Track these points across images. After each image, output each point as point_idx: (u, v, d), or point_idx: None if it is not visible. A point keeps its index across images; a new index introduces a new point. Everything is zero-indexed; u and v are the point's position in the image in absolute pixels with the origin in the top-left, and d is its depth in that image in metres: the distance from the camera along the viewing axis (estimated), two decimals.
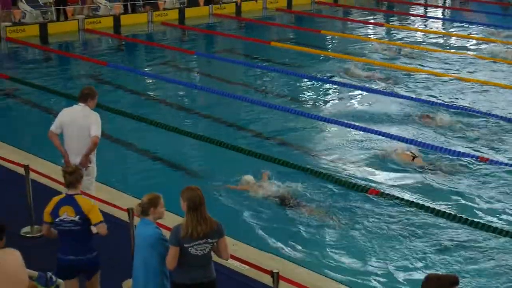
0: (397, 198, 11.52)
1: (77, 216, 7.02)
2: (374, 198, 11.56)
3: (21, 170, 10.18)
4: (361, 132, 15.03)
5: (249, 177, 11.97)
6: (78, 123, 9.40)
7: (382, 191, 11.80)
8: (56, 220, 7.05)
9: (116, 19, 27.91)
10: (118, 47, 25.67)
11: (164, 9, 29.46)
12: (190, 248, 6.31)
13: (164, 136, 14.79)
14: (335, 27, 28.28)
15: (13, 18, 26.00)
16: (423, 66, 21.30)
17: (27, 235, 9.57)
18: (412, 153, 13.34)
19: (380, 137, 14.68)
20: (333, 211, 11.09)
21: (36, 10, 26.44)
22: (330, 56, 22.64)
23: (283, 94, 18.43)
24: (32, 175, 9.83)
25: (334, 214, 10.96)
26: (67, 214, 7.02)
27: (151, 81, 20.08)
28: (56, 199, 7.17)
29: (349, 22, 29.98)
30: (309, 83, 19.60)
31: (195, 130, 15.03)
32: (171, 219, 7.88)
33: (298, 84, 19.57)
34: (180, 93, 18.82)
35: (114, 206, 8.98)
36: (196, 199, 6.32)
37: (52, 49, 24.61)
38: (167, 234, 6.59)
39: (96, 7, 28.48)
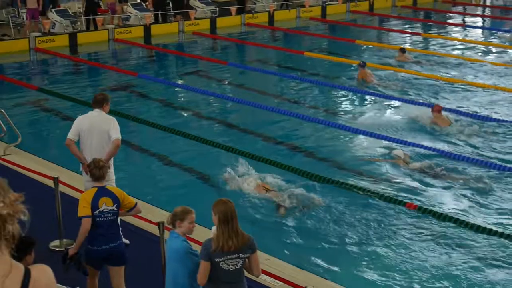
0: (436, 213, 11.44)
1: (115, 205, 7.52)
2: (412, 212, 11.50)
3: (50, 183, 10.31)
4: (395, 144, 14.97)
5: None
6: (98, 128, 9.56)
7: (421, 205, 11.74)
8: (95, 212, 7.43)
9: (147, 29, 28.18)
10: (149, 58, 25.90)
11: (196, 18, 29.68)
12: (221, 263, 6.33)
13: (196, 148, 14.86)
14: (370, 37, 28.24)
15: (43, 28, 26.39)
16: (463, 76, 21.20)
17: (56, 249, 9.67)
18: (405, 158, 13.74)
19: (420, 150, 14.60)
20: (367, 225, 11.05)
21: (66, 20, 26.80)
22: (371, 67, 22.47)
23: (317, 106, 18.43)
24: (62, 188, 9.96)
25: (369, 229, 10.92)
26: (105, 205, 7.48)
27: (182, 92, 20.21)
28: (90, 193, 7.54)
29: (385, 32, 29.93)
30: (343, 94, 19.58)
31: (227, 142, 15.09)
32: (203, 233, 7.92)
33: (332, 95, 19.56)
34: (211, 104, 18.91)
35: (145, 219, 9.05)
36: (227, 212, 6.34)
37: (82, 60, 24.92)
38: (198, 248, 6.63)
39: (127, 17, 28.78)
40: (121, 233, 7.70)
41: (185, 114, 17.90)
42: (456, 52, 25.05)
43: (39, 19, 26.41)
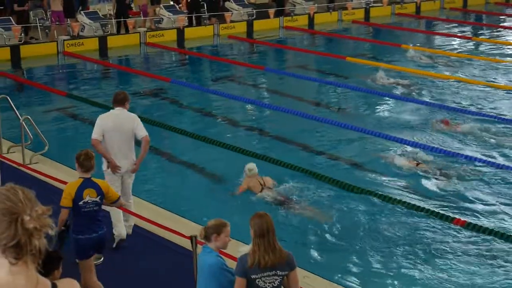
0: (481, 228, 11.29)
1: (98, 197, 8.30)
2: (459, 228, 11.36)
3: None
4: (441, 155, 14.81)
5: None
6: (123, 127, 10.05)
7: (469, 221, 11.59)
8: (80, 203, 8.19)
9: (180, 32, 28.34)
10: (182, 62, 26.03)
11: (231, 21, 29.77)
12: (257, 280, 6.28)
13: (230, 157, 14.84)
14: (417, 41, 28.04)
15: (71, 31, 26.64)
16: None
17: None
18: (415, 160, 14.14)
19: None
20: (409, 241, 10.95)
21: (96, 23, 27.02)
22: (410, 73, 22.33)
23: (360, 114, 18.30)
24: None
25: (410, 245, 10.81)
26: (89, 196, 8.24)
27: (216, 98, 20.24)
28: (75, 184, 8.29)
29: (432, 35, 29.71)
30: (388, 101, 19.44)
31: (264, 151, 15.04)
32: (236, 248, 7.89)
33: (376, 103, 19.41)
34: (247, 111, 18.93)
35: (177, 233, 9.05)
36: (264, 225, 6.30)
37: (112, 64, 25.13)
38: (232, 264, 6.60)
39: (159, 19, 28.96)
40: (104, 223, 8.49)
41: (220, 122, 17.90)
42: (509, 58, 24.76)
43: (65, 21, 26.66)
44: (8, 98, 13.85)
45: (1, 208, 2.93)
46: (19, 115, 13.58)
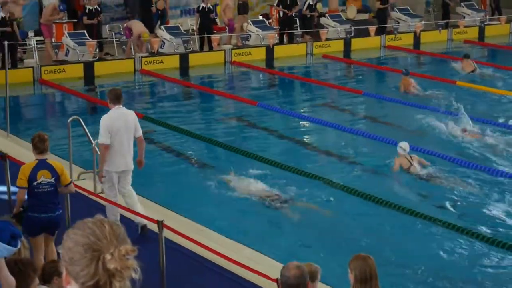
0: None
1: (53, 178, 9.61)
2: None
3: (154, 226, 10.50)
4: None
5: None
6: (127, 125, 11.51)
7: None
8: (34, 183, 9.54)
9: (269, 50, 28.54)
10: (270, 83, 26.19)
11: (327, 39, 29.81)
12: None
13: (325, 191, 14.75)
14: None
15: (150, 48, 27.09)
16: None
17: None
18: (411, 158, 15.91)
19: None
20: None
21: (177, 39, 27.41)
22: None
23: (472, 148, 17.91)
24: (166, 233, 10.11)
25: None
26: (44, 177, 9.56)
27: (307, 125, 20.25)
28: (29, 165, 9.66)
29: None
30: (506, 132, 19.01)
31: (363, 187, 14.87)
32: None
33: (491, 134, 18.93)
34: (342, 140, 18.78)
35: (263, 275, 9.05)
36: (366, 269, 6.28)
37: (193, 84, 25.46)
38: None
39: (246, 36, 29.18)
40: (60, 205, 9.86)
41: (310, 151, 17.87)
42: None
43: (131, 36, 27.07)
44: (80, 119, 14.14)
45: (84, 243, 2.98)
46: (91, 139, 13.82)
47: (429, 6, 36.12)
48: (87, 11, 26.38)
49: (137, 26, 26.59)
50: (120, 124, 11.37)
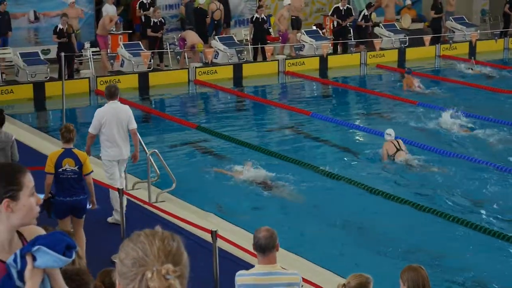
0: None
1: (77, 166, 10.75)
2: None
3: (207, 236, 10.57)
4: None
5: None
6: (120, 118, 12.59)
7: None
8: (59, 170, 10.68)
9: (323, 60, 28.51)
10: (324, 94, 26.16)
11: (381, 49, 29.68)
12: None
13: (382, 205, 14.68)
14: None
15: (204, 58, 27.24)
16: None
17: None
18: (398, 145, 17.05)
19: None
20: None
21: (231, 49, 27.53)
22: None
23: None
24: (220, 243, 10.18)
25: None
26: (68, 165, 10.70)
27: (362, 135, 20.18)
28: (56, 153, 10.87)
29: None
30: None
31: (421, 201, 14.74)
32: None
33: None
34: None
35: (317, 286, 9.06)
36: (419, 280, 6.25)
37: (245, 94, 25.53)
38: None
39: (300, 46, 29.17)
40: (85, 190, 10.91)
41: (365, 162, 17.77)
42: None
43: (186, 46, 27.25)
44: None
45: (132, 256, 2.93)
46: (146, 149, 13.97)
47: (485, 15, 35.75)
48: (151, 23, 26.54)
49: (191, 36, 26.79)
50: (111, 118, 12.57)
